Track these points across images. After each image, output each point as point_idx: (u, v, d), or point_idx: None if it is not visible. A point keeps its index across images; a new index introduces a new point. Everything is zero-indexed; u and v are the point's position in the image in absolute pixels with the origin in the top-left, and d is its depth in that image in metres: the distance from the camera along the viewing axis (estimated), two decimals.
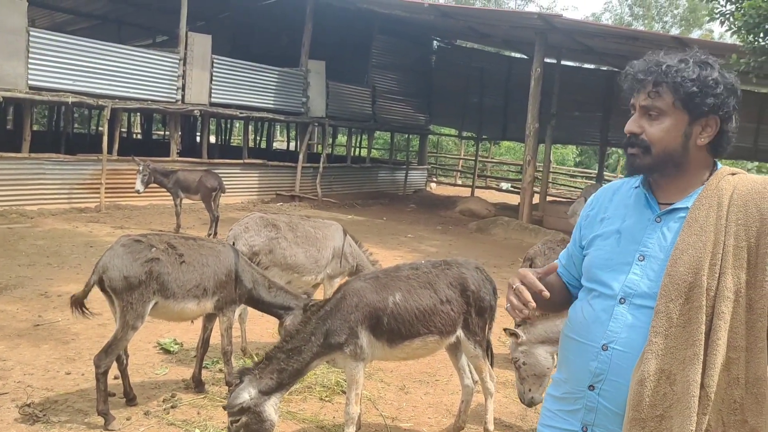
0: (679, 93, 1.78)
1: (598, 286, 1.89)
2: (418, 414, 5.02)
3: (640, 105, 1.84)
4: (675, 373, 1.68)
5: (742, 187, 1.78)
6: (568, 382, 1.95)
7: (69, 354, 5.64)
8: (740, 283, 1.69)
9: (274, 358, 3.69)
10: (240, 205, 16.91)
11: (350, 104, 21.27)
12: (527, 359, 4.23)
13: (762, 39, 9.88)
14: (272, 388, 3.62)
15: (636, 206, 1.92)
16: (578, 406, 1.89)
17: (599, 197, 2.08)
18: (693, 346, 1.67)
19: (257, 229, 5.89)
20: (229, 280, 4.81)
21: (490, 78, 24.45)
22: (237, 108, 17.55)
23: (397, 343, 4.01)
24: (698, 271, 1.69)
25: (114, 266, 4.34)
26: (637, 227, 1.87)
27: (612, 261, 1.88)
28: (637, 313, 1.78)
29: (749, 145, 19.58)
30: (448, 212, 18.79)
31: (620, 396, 1.77)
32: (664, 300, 1.71)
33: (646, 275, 1.79)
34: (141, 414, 4.60)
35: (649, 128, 1.82)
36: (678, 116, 1.80)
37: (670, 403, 1.67)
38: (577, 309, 1.99)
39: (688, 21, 41.81)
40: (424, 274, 4.19)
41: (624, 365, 1.77)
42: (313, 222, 6.34)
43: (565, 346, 1.99)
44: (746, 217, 1.73)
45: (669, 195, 1.87)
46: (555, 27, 15.63)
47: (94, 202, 14.02)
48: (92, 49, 14.30)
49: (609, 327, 1.81)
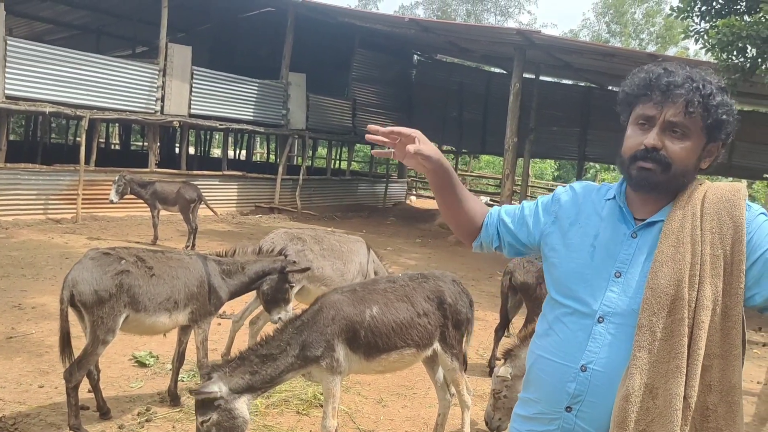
0: (711, 118, 1.73)
1: (573, 303, 1.83)
2: (395, 427, 5.01)
3: (668, 120, 1.73)
4: (657, 387, 1.66)
5: (712, 195, 1.77)
6: (540, 402, 1.89)
7: (42, 367, 5.56)
8: (717, 291, 1.68)
9: (247, 359, 3.65)
10: (219, 217, 16.81)
11: (330, 117, 21.30)
12: (509, 393, 4.21)
13: (735, 57, 10.04)
14: (243, 388, 3.56)
15: (610, 219, 1.87)
16: (553, 427, 1.83)
17: (580, 195, 1.99)
18: (675, 358, 1.65)
19: (283, 243, 5.92)
20: (201, 291, 4.77)
21: (469, 92, 24.65)
22: (217, 119, 17.50)
23: (374, 356, 4.00)
24: (679, 283, 1.67)
25: (84, 280, 4.26)
26: (612, 243, 1.82)
27: (586, 275, 1.82)
28: (616, 332, 1.74)
29: (724, 161, 19.85)
30: (427, 225, 18.83)
31: (598, 417, 1.74)
32: (647, 314, 1.68)
33: (624, 292, 1.76)
34: (115, 428, 4.54)
35: (671, 146, 1.74)
36: (700, 139, 1.76)
37: (653, 417, 1.65)
38: (546, 325, 1.93)
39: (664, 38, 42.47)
40: (401, 287, 4.19)
41: (603, 386, 1.73)
42: (338, 236, 6.44)
43: (537, 366, 1.91)
44: (720, 225, 1.72)
45: (646, 210, 1.83)
46: (534, 43, 15.80)
47: (71, 213, 13.88)
48: (71, 58, 14.21)
49: (588, 347, 1.77)
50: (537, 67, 19.95)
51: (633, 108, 1.84)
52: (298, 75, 19.62)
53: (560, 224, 1.96)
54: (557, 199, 2.03)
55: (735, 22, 9.38)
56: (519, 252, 2.13)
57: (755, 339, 9.06)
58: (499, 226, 2.09)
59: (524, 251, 2.13)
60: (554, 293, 1.92)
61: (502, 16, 45.07)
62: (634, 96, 1.82)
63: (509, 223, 2.08)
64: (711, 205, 1.75)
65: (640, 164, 1.77)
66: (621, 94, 1.89)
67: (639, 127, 1.80)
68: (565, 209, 1.98)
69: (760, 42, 9.39)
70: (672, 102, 1.73)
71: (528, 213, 2.06)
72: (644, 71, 1.82)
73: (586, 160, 24.24)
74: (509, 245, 2.10)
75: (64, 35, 24.72)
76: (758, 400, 5.33)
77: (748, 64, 9.95)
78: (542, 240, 2.01)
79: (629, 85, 1.84)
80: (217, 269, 4.95)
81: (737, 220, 1.71)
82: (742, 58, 10.01)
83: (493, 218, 2.10)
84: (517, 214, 2.08)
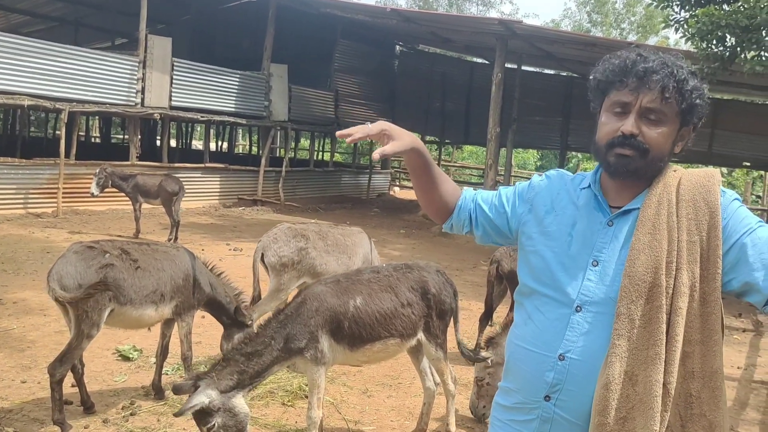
0: (685, 103, 1.75)
1: (550, 292, 1.83)
2: (380, 417, 5.03)
3: (645, 106, 1.73)
4: (637, 374, 1.66)
5: (687, 181, 1.78)
6: (519, 392, 1.88)
7: (24, 362, 5.52)
8: (694, 277, 1.68)
9: (232, 360, 3.65)
10: (201, 210, 16.73)
11: (313, 108, 21.22)
12: (492, 381, 4.25)
13: (715, 46, 10.12)
14: (232, 387, 3.57)
15: (586, 208, 1.86)
16: (532, 417, 1.83)
17: (555, 183, 1.99)
18: (655, 345, 1.65)
19: (286, 239, 5.91)
20: (186, 285, 4.76)
21: (452, 83, 24.66)
22: (198, 111, 17.38)
23: (359, 346, 4.01)
24: (657, 270, 1.67)
25: (68, 274, 4.22)
26: (589, 231, 1.82)
27: (564, 264, 1.82)
28: (593, 320, 1.74)
29: (704, 150, 20.05)
30: (411, 216, 18.85)
31: (577, 406, 1.74)
32: (625, 302, 1.68)
33: (602, 281, 1.76)
34: (99, 422, 4.52)
35: (648, 131, 1.74)
36: (674, 124, 1.77)
37: (633, 405, 1.66)
38: (524, 315, 1.92)
39: (644, 28, 42.66)
40: (385, 278, 4.20)
41: (581, 375, 1.73)
42: (341, 229, 6.44)
43: (516, 355, 1.91)
44: (696, 211, 1.72)
45: (621, 198, 1.83)
46: (516, 33, 15.82)
47: (51, 207, 13.74)
48: (49, 51, 14.04)
49: (566, 336, 1.76)
50: (519, 57, 19.99)
51: (606, 95, 1.83)
52: (280, 66, 19.52)
53: (536, 212, 1.96)
54: (533, 186, 2.02)
55: (714, 11, 9.45)
56: (492, 240, 2.11)
57: (735, 325, 9.18)
58: (475, 212, 2.07)
59: (498, 240, 2.11)
60: (531, 282, 1.91)
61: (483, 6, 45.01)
62: (608, 82, 1.81)
63: (487, 211, 2.06)
64: (686, 192, 1.76)
65: (618, 151, 1.76)
66: (593, 81, 1.87)
67: (614, 114, 1.79)
68: (541, 197, 1.97)
69: (739, 31, 9.47)
70: (648, 88, 1.73)
71: (506, 201, 2.05)
72: (618, 57, 1.81)
73: (568, 149, 24.36)
74: (484, 232, 2.08)
75: (41, 27, 24.41)
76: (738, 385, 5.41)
77: (727, 53, 10.03)
78: (519, 228, 2.00)
79: (602, 71, 1.83)
80: (203, 266, 4.95)
81: (712, 206, 1.72)
82: (721, 47, 10.09)
83: (467, 202, 2.08)
84: (494, 203, 2.07)
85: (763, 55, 9.84)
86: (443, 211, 2.07)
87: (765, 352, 7.92)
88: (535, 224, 1.95)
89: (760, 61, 9.78)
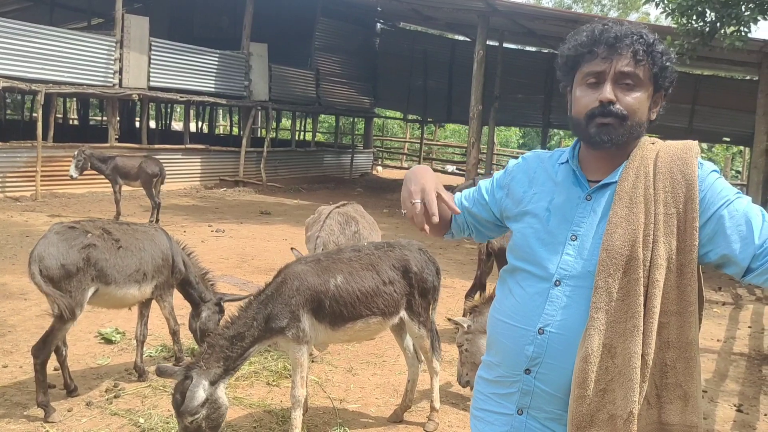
0: (657, 66, 1.76)
1: (530, 267, 1.85)
2: (365, 395, 5.05)
3: (620, 71, 1.74)
4: (616, 347, 1.68)
5: (664, 154, 1.78)
6: (501, 365, 1.91)
7: (5, 347, 5.47)
8: (671, 249, 1.70)
9: (217, 345, 3.64)
10: (182, 192, 16.61)
11: (294, 87, 21.06)
12: (470, 347, 4.32)
13: (695, 21, 10.13)
14: (220, 376, 3.58)
15: (565, 183, 1.87)
16: (513, 390, 1.85)
17: (531, 163, 2.00)
18: (633, 318, 1.67)
19: (339, 228, 6.02)
20: (166, 264, 4.81)
21: (434, 61, 24.54)
22: (177, 92, 17.20)
23: (340, 325, 4.01)
24: (634, 243, 1.69)
25: (50, 254, 4.19)
26: (567, 206, 1.83)
27: (543, 240, 1.84)
28: (572, 294, 1.76)
29: (684, 126, 20.16)
30: (394, 195, 18.82)
31: (557, 378, 1.76)
32: (603, 275, 1.70)
33: (580, 255, 1.77)
34: (83, 405, 4.51)
35: (624, 98, 1.75)
36: (648, 89, 1.78)
37: (612, 376, 1.68)
38: (505, 290, 1.94)
39: (625, 4, 42.68)
40: (367, 256, 4.19)
41: (560, 348, 1.75)
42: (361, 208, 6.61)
43: (497, 330, 1.94)
44: (673, 183, 1.73)
45: (600, 172, 1.84)
46: (497, 10, 15.75)
47: (30, 190, 13.58)
48: (23, 31, 13.79)
49: (545, 310, 1.78)
50: (501, 35, 19.90)
51: (578, 69, 1.83)
52: (260, 45, 19.33)
53: (513, 195, 1.98)
54: (509, 171, 2.05)
55: None
56: (486, 236, 2.16)
57: (715, 298, 9.30)
58: (465, 215, 2.11)
59: (493, 233, 2.16)
60: (512, 259, 1.94)
61: None
62: (577, 56, 1.82)
63: (470, 208, 2.10)
64: (663, 164, 1.76)
65: (599, 120, 1.76)
66: (561, 58, 1.87)
67: (588, 85, 1.80)
68: (517, 179, 1.99)
69: (719, 6, 9.49)
70: (620, 54, 1.74)
71: (485, 192, 2.08)
72: (584, 31, 1.83)
73: (550, 127, 24.41)
74: (476, 231, 2.13)
75: (15, 7, 23.94)
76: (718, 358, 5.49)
77: (707, 29, 10.05)
78: (503, 214, 2.03)
79: (571, 47, 1.84)
80: (177, 245, 4.97)
81: (689, 178, 1.73)
82: (701, 23, 10.10)
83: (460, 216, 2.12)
84: (476, 197, 2.10)
85: (743, 30, 9.87)
86: (442, 224, 2.07)
87: (744, 325, 8.04)
88: (514, 206, 1.97)
89: (740, 36, 9.82)
